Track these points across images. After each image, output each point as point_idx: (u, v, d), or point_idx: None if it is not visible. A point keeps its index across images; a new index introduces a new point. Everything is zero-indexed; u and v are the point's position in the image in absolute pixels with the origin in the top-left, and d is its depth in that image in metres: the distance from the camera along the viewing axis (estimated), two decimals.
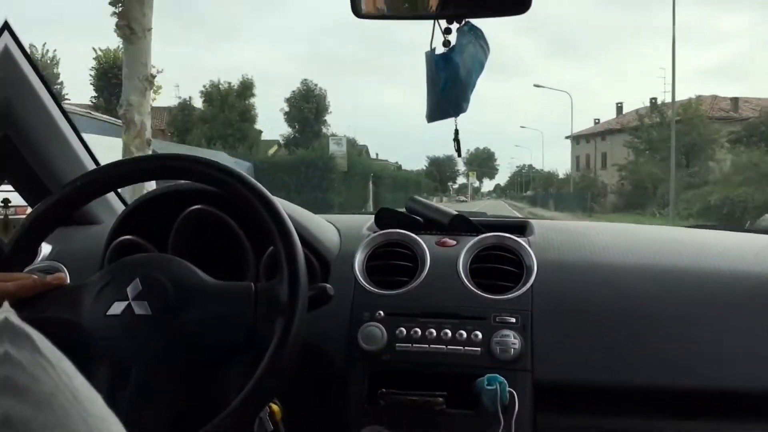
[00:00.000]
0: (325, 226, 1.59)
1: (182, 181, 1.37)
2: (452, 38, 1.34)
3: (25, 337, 0.55)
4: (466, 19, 1.32)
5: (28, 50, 1.57)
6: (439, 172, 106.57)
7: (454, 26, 1.34)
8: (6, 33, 1.54)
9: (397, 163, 74.39)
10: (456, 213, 1.67)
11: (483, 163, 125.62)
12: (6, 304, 0.58)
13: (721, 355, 1.34)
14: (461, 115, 1.42)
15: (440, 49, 1.37)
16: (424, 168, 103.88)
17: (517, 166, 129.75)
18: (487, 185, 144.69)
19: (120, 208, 1.77)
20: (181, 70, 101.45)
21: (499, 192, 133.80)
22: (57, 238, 1.20)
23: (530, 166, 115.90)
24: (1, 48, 1.53)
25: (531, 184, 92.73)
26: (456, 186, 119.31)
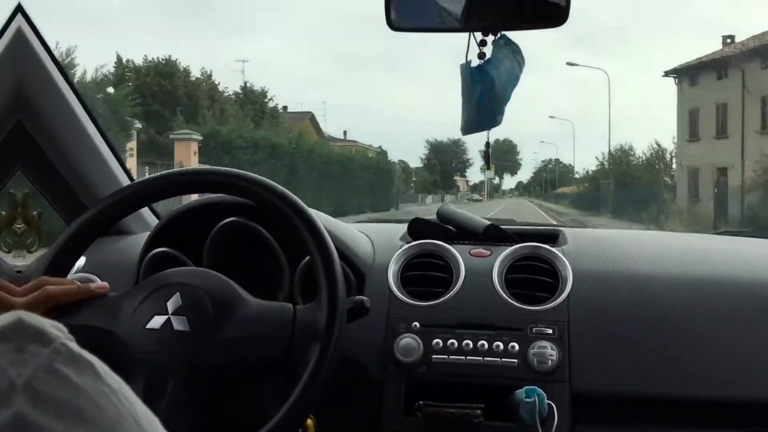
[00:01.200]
0: (358, 237, 1.59)
1: (217, 194, 1.38)
2: (487, 50, 1.34)
3: (87, 363, 0.56)
4: (502, 32, 1.31)
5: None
6: (441, 162, 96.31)
7: (489, 38, 1.34)
8: (20, 15, 1.49)
9: (380, 147, 63.17)
10: (489, 223, 1.66)
11: (503, 156, 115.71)
12: (64, 330, 0.58)
13: (758, 365, 1.34)
14: None
15: (475, 61, 1.37)
16: (423, 157, 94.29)
17: (542, 161, 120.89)
18: (508, 182, 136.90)
19: (151, 218, 1.79)
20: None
21: (522, 190, 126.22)
22: (92, 249, 1.20)
23: (557, 160, 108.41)
24: (14, 30, 1.47)
25: (557, 182, 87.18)
26: (464, 180, 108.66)
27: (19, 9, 1.49)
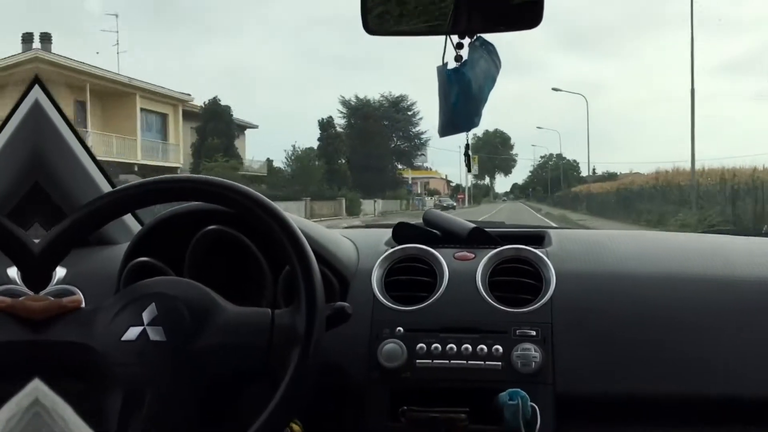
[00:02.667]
0: (342, 243, 1.59)
1: (197, 202, 1.37)
2: (464, 53, 1.34)
3: None
4: (478, 34, 1.31)
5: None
6: (366, 138, 53.94)
7: (466, 41, 1.34)
8: (37, 86, 1.63)
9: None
10: (474, 226, 1.66)
11: (494, 150, 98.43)
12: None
13: (742, 361, 1.34)
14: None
15: (452, 64, 1.37)
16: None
17: (541, 156, 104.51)
18: (501, 183, 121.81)
19: (136, 228, 1.78)
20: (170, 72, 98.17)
21: (518, 192, 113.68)
22: (71, 260, 1.19)
23: (559, 155, 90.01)
24: (32, 101, 1.62)
25: (561, 182, 73.06)
26: (431, 176, 79.57)
27: (36, 81, 1.64)
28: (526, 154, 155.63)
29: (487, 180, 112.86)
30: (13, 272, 1.47)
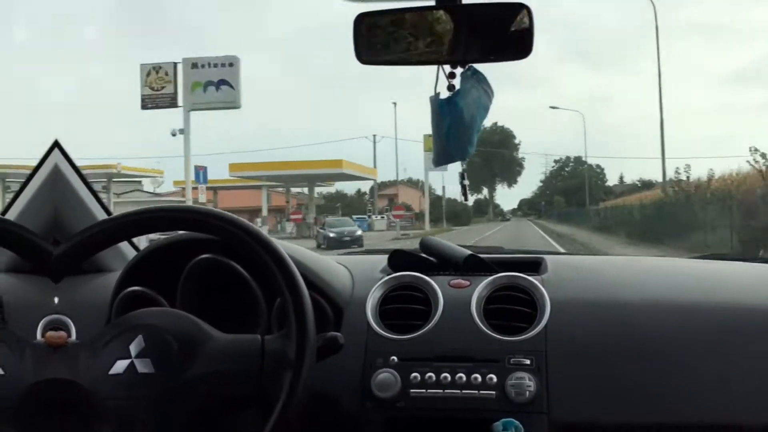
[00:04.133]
0: (336, 270, 1.59)
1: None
2: (456, 82, 1.35)
3: None
4: (470, 64, 1.32)
5: None
6: None
7: (458, 70, 1.35)
8: (56, 150, 1.73)
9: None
10: (470, 253, 1.66)
11: (494, 153, 75.42)
12: None
13: (740, 390, 1.33)
14: None
15: (445, 93, 1.37)
16: None
17: (555, 161, 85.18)
18: (505, 196, 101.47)
19: (131, 255, 1.79)
20: None
21: (526, 209, 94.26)
22: (66, 288, 1.20)
23: (578, 159, 72.23)
24: (52, 166, 1.73)
25: (588, 195, 53.99)
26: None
27: (56, 145, 1.75)
28: (534, 167, 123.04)
29: (485, 193, 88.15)
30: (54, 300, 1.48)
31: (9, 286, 1.49)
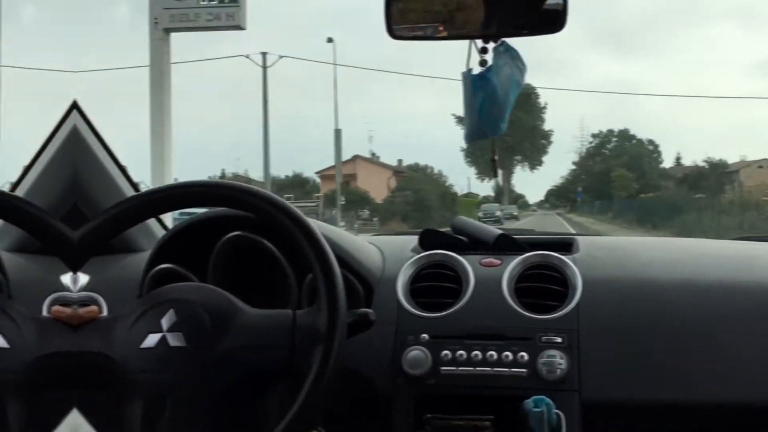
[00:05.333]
0: (367, 248, 1.59)
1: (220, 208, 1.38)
2: (488, 57, 1.34)
3: None
4: (502, 39, 1.31)
5: None
6: None
7: (490, 45, 1.34)
8: (75, 111, 1.70)
9: None
10: (501, 232, 1.66)
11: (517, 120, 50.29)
12: None
13: None
14: None
15: (476, 68, 1.37)
16: None
17: (593, 135, 62.72)
18: (524, 180, 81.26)
19: (160, 234, 1.80)
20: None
21: (553, 201, 73.59)
22: (95, 267, 1.20)
23: (623, 132, 58.21)
24: (70, 127, 1.69)
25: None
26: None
27: (74, 106, 1.70)
28: (564, 145, 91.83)
29: (499, 178, 59.58)
30: (66, 279, 1.49)
31: (16, 264, 1.50)
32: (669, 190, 35.55)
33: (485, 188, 68.52)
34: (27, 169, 1.70)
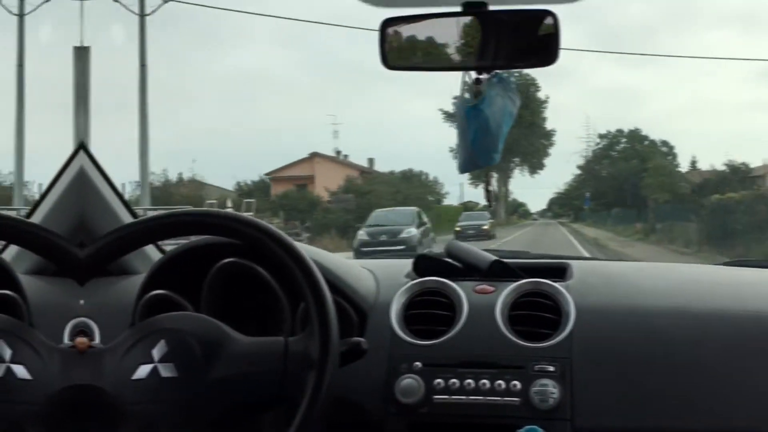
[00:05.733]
0: (361, 274, 1.59)
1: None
2: (482, 88, 1.35)
3: None
4: (495, 71, 1.32)
5: None
6: None
7: (484, 76, 1.35)
8: (82, 152, 1.72)
9: None
10: (495, 258, 1.66)
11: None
12: None
13: (764, 398, 1.33)
14: None
15: (471, 98, 1.38)
16: None
17: (600, 136, 56.73)
18: (521, 185, 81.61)
19: (156, 257, 1.80)
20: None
21: (556, 210, 70.43)
22: (90, 290, 1.21)
23: (633, 132, 53.41)
24: (77, 168, 1.72)
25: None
26: None
27: (81, 147, 1.75)
28: (567, 147, 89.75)
29: (494, 183, 51.32)
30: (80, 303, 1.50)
31: (34, 288, 1.50)
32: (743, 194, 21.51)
33: (478, 195, 61.01)
34: (34, 208, 1.74)
